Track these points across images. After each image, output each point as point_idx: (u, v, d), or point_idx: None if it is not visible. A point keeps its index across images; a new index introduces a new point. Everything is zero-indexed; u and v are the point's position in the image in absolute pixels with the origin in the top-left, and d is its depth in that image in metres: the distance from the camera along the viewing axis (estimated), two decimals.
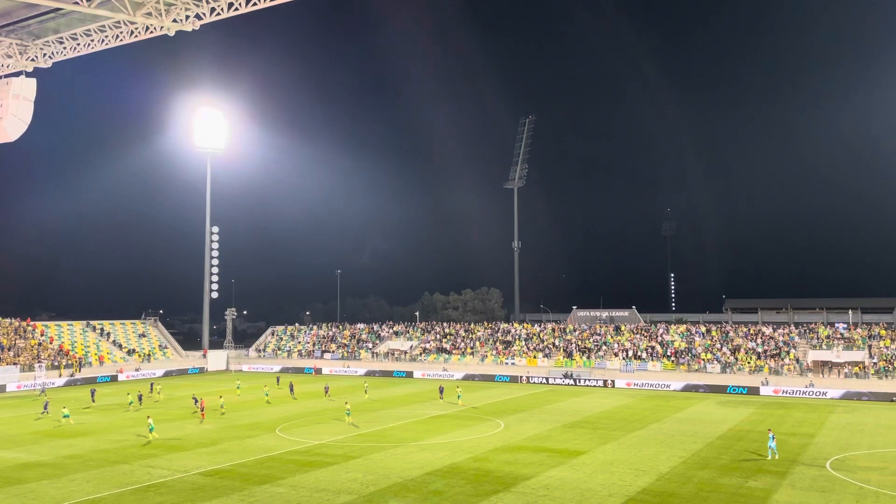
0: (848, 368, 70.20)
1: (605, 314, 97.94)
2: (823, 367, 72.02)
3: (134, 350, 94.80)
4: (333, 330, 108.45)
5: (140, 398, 60.08)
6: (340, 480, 33.39)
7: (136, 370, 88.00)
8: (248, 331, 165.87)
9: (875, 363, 69.86)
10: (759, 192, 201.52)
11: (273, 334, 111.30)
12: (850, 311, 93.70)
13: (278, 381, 75.38)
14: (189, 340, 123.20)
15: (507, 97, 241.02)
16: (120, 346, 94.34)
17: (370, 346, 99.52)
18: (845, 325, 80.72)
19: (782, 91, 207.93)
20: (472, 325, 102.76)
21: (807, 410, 57.70)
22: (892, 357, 70.16)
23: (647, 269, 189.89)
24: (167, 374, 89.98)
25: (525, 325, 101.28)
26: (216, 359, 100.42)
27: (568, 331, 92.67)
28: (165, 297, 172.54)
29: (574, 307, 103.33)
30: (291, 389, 67.79)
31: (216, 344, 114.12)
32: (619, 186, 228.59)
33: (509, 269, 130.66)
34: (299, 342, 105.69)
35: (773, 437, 37.69)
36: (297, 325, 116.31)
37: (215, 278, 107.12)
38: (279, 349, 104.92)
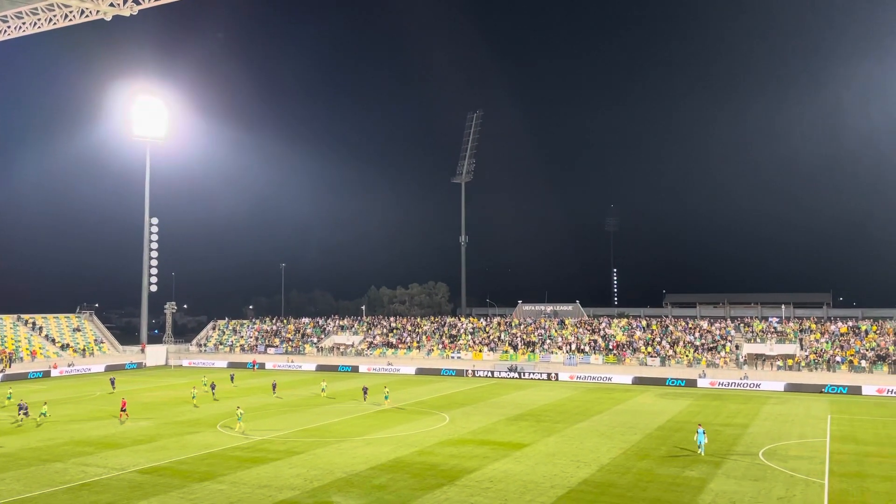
0: (781, 361, 72.86)
1: (549, 308, 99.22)
2: (757, 359, 74.58)
3: (68, 345, 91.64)
4: (277, 324, 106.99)
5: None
6: (283, 476, 32.98)
7: (70, 365, 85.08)
8: (188, 325, 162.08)
9: (806, 356, 72.69)
10: (699, 191, 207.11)
11: (215, 328, 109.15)
12: (783, 306, 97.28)
13: (232, 378, 72.05)
14: (127, 335, 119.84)
15: (455, 92, 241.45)
16: (53, 341, 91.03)
17: (315, 340, 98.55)
18: (778, 320, 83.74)
19: (723, 92, 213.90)
20: (418, 320, 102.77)
21: (741, 402, 59.68)
22: (822, 350, 73.12)
23: (590, 265, 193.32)
24: (108, 368, 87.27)
25: (471, 319, 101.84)
26: (155, 354, 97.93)
27: (513, 325, 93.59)
28: (102, 290, 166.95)
29: (520, 301, 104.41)
30: (213, 389, 61.88)
31: (155, 339, 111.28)
32: (565, 182, 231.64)
33: (456, 264, 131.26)
34: (242, 337, 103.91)
35: (703, 433, 38.15)
36: (239, 319, 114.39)
37: (154, 271, 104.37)
38: (221, 344, 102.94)
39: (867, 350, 71.33)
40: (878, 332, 75.21)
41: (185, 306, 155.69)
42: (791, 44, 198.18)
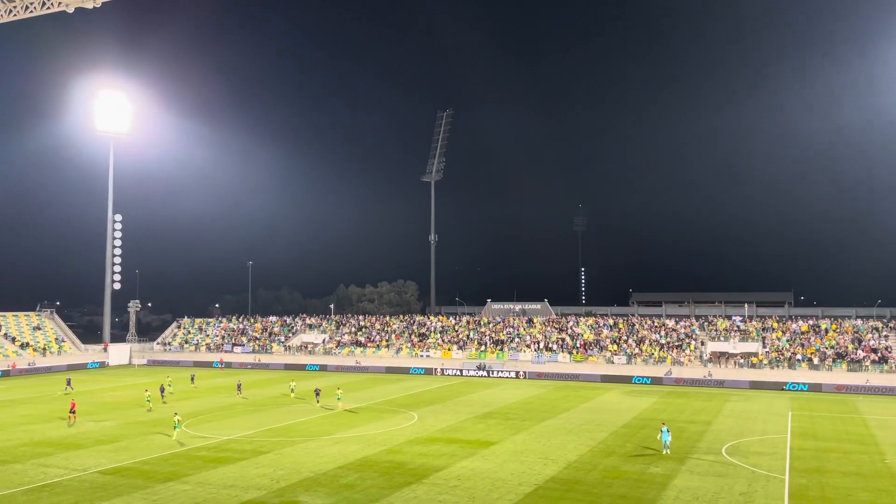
0: (743, 359, 74.20)
1: (518, 307, 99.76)
2: (721, 357, 75.85)
3: (28, 343, 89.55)
4: (244, 323, 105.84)
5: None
6: (249, 476, 32.64)
7: (30, 364, 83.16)
8: (153, 324, 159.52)
9: (768, 354, 74.13)
10: (666, 192, 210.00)
11: (180, 327, 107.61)
12: (746, 305, 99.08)
13: (193, 379, 70.54)
14: (89, 334, 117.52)
15: (426, 91, 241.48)
16: (13, 340, 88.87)
17: (283, 339, 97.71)
18: (742, 318, 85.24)
19: (690, 96, 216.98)
20: (387, 318, 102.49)
21: (705, 399, 60.64)
22: (783, 348, 74.63)
23: (559, 264, 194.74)
24: (70, 367, 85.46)
25: (441, 317, 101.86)
26: (118, 353, 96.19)
27: (482, 323, 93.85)
28: (63, 287, 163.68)
29: (489, 300, 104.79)
30: (162, 392, 58.53)
31: (118, 337, 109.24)
32: (534, 182, 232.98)
33: (426, 262, 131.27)
34: (208, 335, 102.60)
35: (668, 431, 38.38)
36: (205, 318, 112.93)
37: (118, 268, 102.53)
38: (186, 342, 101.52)
39: (827, 348, 73.00)
40: (837, 330, 77.00)
41: (150, 304, 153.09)
42: (755, 49, 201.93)
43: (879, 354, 70.08)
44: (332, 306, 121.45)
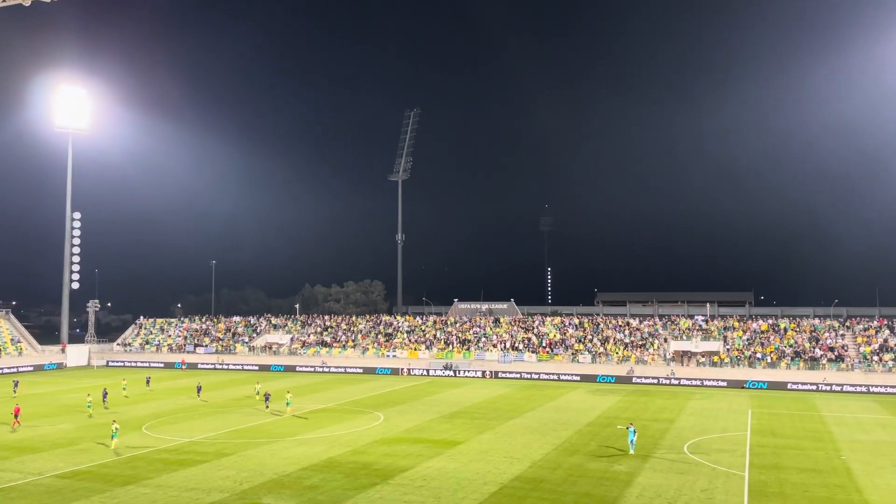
0: (705, 357, 75.44)
1: (485, 307, 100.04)
2: (684, 356, 77.02)
3: None
4: (207, 323, 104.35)
5: None
6: (212, 479, 32.14)
7: None
8: (112, 324, 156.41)
9: (729, 352, 75.49)
10: (631, 192, 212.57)
11: (140, 327, 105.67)
12: (708, 305, 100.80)
13: (148, 381, 67.97)
14: (46, 334, 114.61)
15: (393, 89, 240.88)
16: None
17: (246, 339, 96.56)
18: (704, 318, 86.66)
19: (655, 97, 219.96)
20: (353, 318, 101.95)
21: (668, 397, 61.50)
22: (743, 347, 76.06)
23: (525, 263, 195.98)
24: (27, 369, 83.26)
25: (407, 317, 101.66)
26: (77, 354, 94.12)
27: (449, 323, 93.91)
28: (19, 287, 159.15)
29: (455, 300, 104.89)
30: (104, 397, 55.10)
31: (77, 338, 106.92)
32: (501, 182, 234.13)
33: (393, 262, 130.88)
34: (170, 336, 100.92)
35: (634, 432, 38.41)
36: (167, 318, 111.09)
37: (76, 267, 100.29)
38: (147, 343, 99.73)
39: (786, 347, 74.60)
40: (795, 329, 78.74)
41: (109, 304, 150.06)
42: (719, 50, 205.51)
43: (836, 353, 71.85)
44: (297, 306, 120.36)
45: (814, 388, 66.25)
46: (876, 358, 69.78)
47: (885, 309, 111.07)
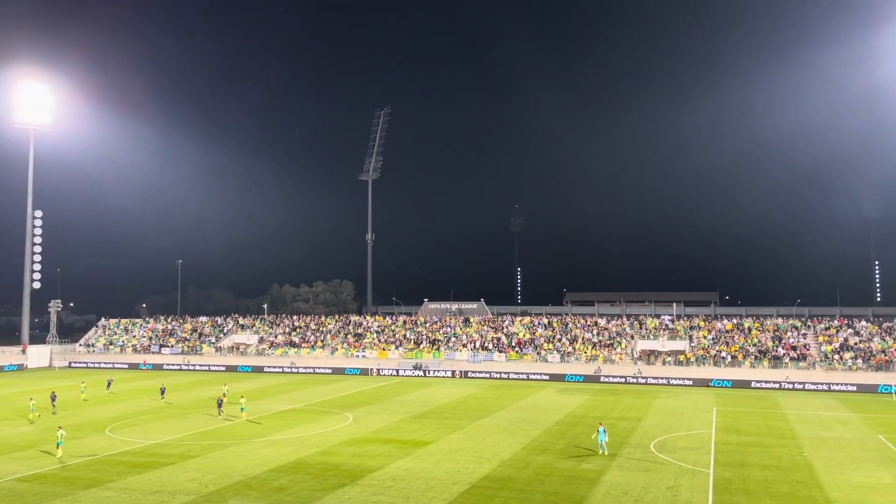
0: (672, 357, 76.47)
1: (455, 307, 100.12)
2: (650, 355, 77.97)
3: None
4: (173, 323, 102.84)
5: None
6: (177, 481, 31.66)
7: None
8: (75, 324, 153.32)
9: (694, 351, 76.61)
10: (599, 193, 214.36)
11: (104, 328, 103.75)
12: (674, 305, 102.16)
13: (109, 384, 65.81)
14: (6, 335, 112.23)
15: (363, 89, 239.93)
16: None
17: (213, 340, 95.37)
18: (670, 318, 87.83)
19: (627, 102, 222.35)
20: (322, 318, 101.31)
21: (635, 396, 62.20)
22: (709, 346, 77.25)
23: (495, 264, 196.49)
24: None
25: (377, 317, 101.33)
26: (38, 355, 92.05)
27: (419, 323, 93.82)
28: None
29: (425, 300, 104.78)
30: (53, 400, 52.56)
31: (38, 339, 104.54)
32: (471, 182, 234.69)
33: (362, 262, 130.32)
34: (134, 336, 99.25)
35: (605, 431, 38.33)
36: (132, 318, 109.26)
37: (37, 267, 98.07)
38: (111, 344, 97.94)
39: (750, 346, 75.94)
40: (759, 329, 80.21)
41: (72, 304, 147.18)
42: (690, 52, 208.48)
43: (798, 352, 73.35)
44: (265, 306, 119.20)
45: (777, 386, 67.56)
46: (836, 356, 71.39)
47: (845, 309, 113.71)
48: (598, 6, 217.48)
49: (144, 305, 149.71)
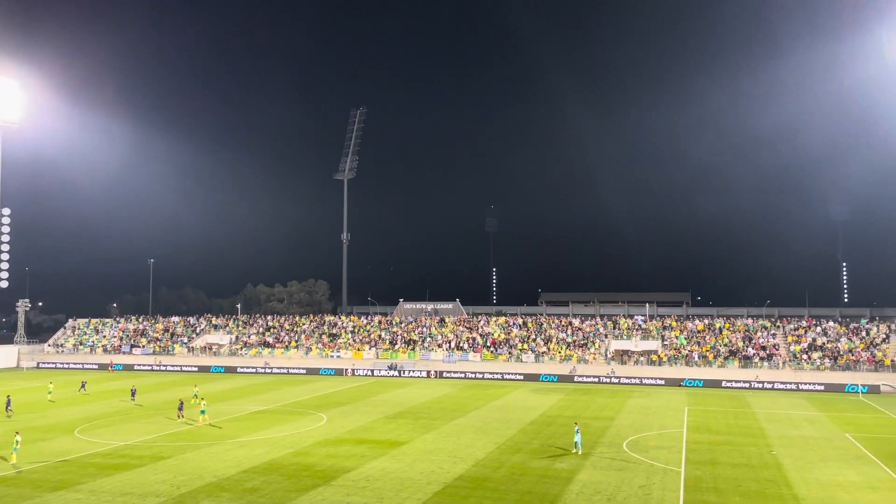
0: (644, 356, 77.22)
1: (430, 307, 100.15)
2: (624, 355, 78.66)
3: None
4: (144, 323, 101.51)
5: None
6: (148, 483, 31.27)
7: None
8: (44, 324, 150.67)
9: (667, 351, 77.45)
10: (573, 194, 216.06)
11: (73, 328, 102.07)
12: (647, 305, 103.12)
13: (84, 385, 64.27)
14: None
15: (339, 88, 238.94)
16: None
17: (185, 340, 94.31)
18: (643, 318, 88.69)
19: (600, 103, 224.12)
20: (297, 318, 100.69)
21: (609, 396, 62.72)
22: (681, 346, 78.16)
23: (471, 264, 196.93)
24: None
25: (352, 317, 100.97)
26: (5, 355, 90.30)
27: (394, 323, 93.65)
28: None
29: (401, 300, 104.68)
30: (8, 404, 50.70)
31: (6, 339, 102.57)
32: (447, 182, 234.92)
33: (337, 261, 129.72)
34: (104, 336, 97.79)
35: (578, 431, 38.84)
36: (102, 318, 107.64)
37: (5, 265, 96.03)
38: (81, 344, 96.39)
39: (721, 346, 76.97)
40: (730, 329, 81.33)
41: (41, 304, 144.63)
42: (663, 56, 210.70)
43: (768, 352, 74.51)
44: (238, 306, 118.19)
45: (747, 385, 68.57)
46: (805, 356, 72.65)
47: (813, 309, 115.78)
48: (572, 11, 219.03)
49: (115, 305, 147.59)
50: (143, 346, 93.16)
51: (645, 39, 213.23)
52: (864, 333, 75.58)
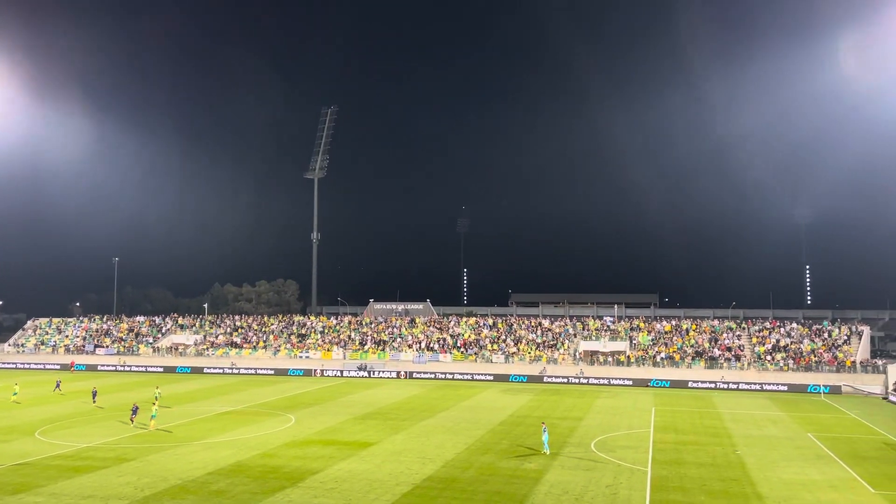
0: (612, 357, 77.94)
1: (400, 307, 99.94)
2: (592, 355, 79.30)
3: None
4: (108, 323, 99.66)
5: None
6: (111, 485, 30.66)
7: None
8: (4, 323, 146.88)
9: (635, 352, 78.27)
10: (544, 196, 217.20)
11: (35, 328, 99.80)
12: (615, 306, 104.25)
13: (58, 385, 63.07)
14: None
15: (310, 86, 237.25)
16: None
17: (151, 340, 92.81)
18: (612, 319, 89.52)
19: (570, 105, 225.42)
20: (265, 318, 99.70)
21: (577, 396, 63.17)
22: (648, 347, 79.05)
23: (442, 264, 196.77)
24: None
25: (322, 317, 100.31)
26: None
27: (364, 323, 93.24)
28: None
29: (371, 300, 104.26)
30: None
31: None
32: (418, 182, 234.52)
33: (307, 261, 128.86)
34: (67, 336, 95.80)
35: (546, 430, 39.23)
36: (65, 317, 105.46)
37: None
38: (42, 344, 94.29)
39: (688, 347, 78.02)
40: (696, 330, 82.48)
41: (1, 303, 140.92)
42: (631, 58, 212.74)
43: (733, 352, 75.71)
44: (205, 306, 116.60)
45: (712, 385, 69.61)
46: (769, 357, 73.96)
47: (777, 311, 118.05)
48: (543, 12, 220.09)
49: (78, 304, 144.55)
50: (107, 347, 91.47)
51: (617, 40, 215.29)
52: (826, 335, 77.20)
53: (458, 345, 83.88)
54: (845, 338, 75.71)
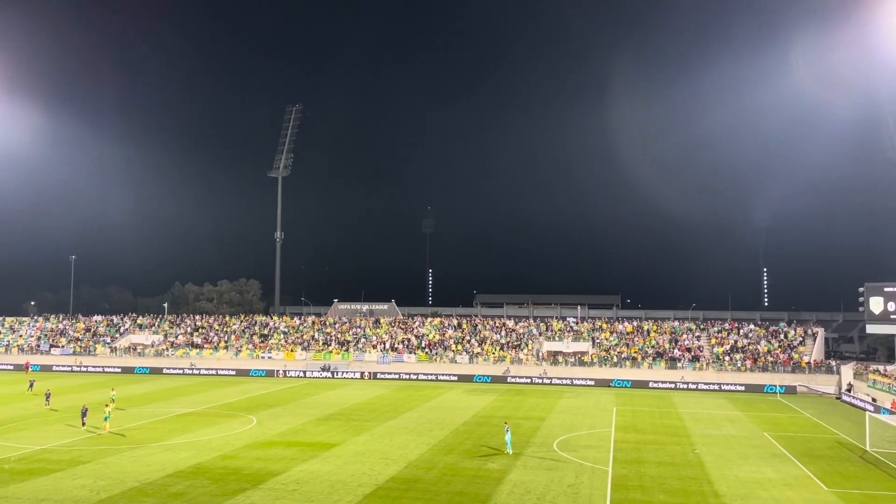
0: (575, 357, 78.68)
1: (365, 307, 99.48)
2: (556, 356, 79.94)
3: None
4: (64, 322, 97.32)
5: None
6: (66, 488, 29.94)
7: None
8: None
9: (597, 352, 79.12)
10: (509, 197, 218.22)
11: None
12: (579, 307, 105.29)
13: (31, 385, 62.14)
14: None
15: (275, 85, 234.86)
16: None
17: (108, 340, 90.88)
18: (575, 320, 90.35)
19: (536, 105, 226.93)
20: (226, 318, 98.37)
21: (540, 396, 63.63)
22: (610, 347, 79.98)
23: (407, 265, 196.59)
24: None
25: (285, 317, 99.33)
26: None
27: (328, 323, 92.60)
28: None
29: (335, 300, 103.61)
30: None
31: None
32: (384, 182, 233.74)
33: (270, 260, 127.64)
34: (21, 336, 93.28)
35: (508, 430, 39.26)
36: (18, 316, 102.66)
37: None
38: None
39: (649, 347, 79.14)
40: (657, 331, 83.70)
41: None
42: (601, 58, 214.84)
43: (693, 353, 77.02)
44: (165, 305, 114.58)
45: (672, 386, 70.75)
46: (727, 358, 75.42)
47: (736, 313, 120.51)
48: (513, 12, 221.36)
49: (33, 303, 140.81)
50: (63, 347, 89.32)
51: (579, 43, 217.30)
52: (782, 336, 79.02)
53: (423, 345, 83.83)
54: (800, 339, 77.59)
